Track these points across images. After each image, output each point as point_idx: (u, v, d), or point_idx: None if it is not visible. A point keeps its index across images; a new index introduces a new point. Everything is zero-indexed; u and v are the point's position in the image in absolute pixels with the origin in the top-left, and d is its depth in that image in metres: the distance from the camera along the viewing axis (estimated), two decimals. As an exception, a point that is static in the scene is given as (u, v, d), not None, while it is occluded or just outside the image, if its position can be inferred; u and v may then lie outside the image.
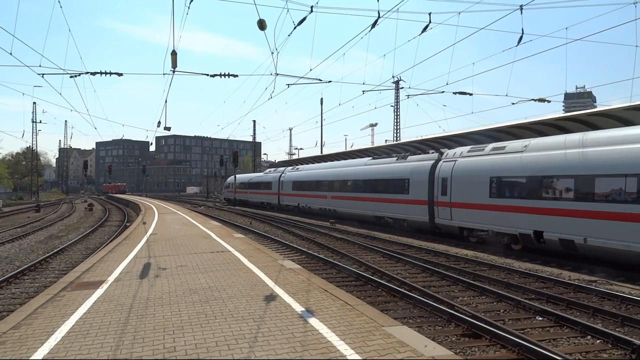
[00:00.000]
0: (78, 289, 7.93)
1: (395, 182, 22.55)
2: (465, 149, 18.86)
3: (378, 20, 12.17)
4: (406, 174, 21.89)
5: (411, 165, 21.87)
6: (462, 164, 18.20)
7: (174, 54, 13.21)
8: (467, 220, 17.61)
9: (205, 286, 8.03)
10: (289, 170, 38.78)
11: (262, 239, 19.69)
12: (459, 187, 18.04)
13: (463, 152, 18.73)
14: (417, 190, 20.86)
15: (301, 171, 36.40)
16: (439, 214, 19.34)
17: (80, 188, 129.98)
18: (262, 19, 10.03)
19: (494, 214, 16.16)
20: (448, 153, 19.96)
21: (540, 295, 9.55)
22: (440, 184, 19.15)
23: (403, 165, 22.53)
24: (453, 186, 18.32)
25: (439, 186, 19.28)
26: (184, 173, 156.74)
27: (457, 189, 18.13)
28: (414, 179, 21.23)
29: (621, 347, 6.57)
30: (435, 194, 19.50)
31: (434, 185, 19.68)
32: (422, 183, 20.51)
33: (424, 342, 5.16)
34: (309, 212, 33.01)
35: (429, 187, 19.97)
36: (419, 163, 21.35)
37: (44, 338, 5.36)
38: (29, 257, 16.01)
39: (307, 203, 33.41)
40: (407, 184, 21.62)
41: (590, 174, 12.74)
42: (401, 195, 21.96)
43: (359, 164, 27.83)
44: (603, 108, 15.66)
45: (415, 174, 21.18)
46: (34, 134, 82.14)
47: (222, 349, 4.94)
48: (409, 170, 21.78)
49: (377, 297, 9.67)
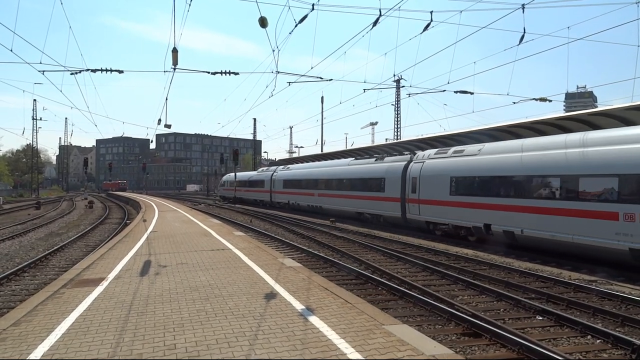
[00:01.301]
0: (78, 286, 7.94)
1: (373, 181, 24.72)
2: (432, 151, 20.85)
3: (379, 19, 12.16)
4: (382, 173, 24.00)
5: (386, 166, 24.01)
6: (429, 165, 20.22)
7: (174, 52, 13.20)
8: (433, 215, 19.57)
9: (206, 284, 8.03)
10: (281, 170, 40.96)
11: (262, 237, 19.69)
12: (426, 185, 20.01)
13: (430, 154, 20.70)
14: (391, 188, 22.83)
15: (291, 170, 38.59)
16: (409, 210, 21.33)
17: (80, 185, 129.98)
18: (263, 16, 10.01)
19: (453, 210, 18.18)
20: (418, 155, 21.86)
21: (540, 294, 9.55)
22: (411, 183, 21.10)
23: (380, 166, 24.72)
24: (421, 185, 20.30)
25: (409, 185, 21.26)
26: (184, 171, 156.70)
27: (424, 188, 20.11)
28: (388, 178, 23.22)
29: (621, 347, 6.57)
30: (407, 192, 21.48)
31: (406, 184, 21.63)
32: (395, 182, 22.47)
33: (424, 341, 5.16)
34: (298, 209, 34.89)
35: (402, 186, 21.94)
36: (394, 164, 23.38)
37: (44, 335, 5.35)
38: (29, 254, 16.02)
39: (296, 200, 35.50)
40: (383, 183, 23.64)
41: (523, 174, 15.05)
42: (378, 193, 24.04)
43: (342, 164, 30.06)
44: (604, 108, 15.64)
45: (390, 174, 23.17)
46: (35, 131, 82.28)
47: (222, 347, 4.93)
48: (385, 170, 23.89)
49: (377, 295, 9.68)
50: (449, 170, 18.60)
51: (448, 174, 18.58)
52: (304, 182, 34.48)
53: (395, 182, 22.45)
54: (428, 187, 19.80)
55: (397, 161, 23.38)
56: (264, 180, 43.10)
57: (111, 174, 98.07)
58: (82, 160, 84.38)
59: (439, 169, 19.32)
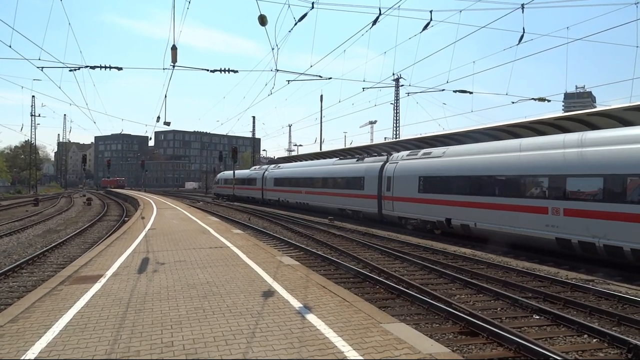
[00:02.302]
0: (76, 283, 7.93)
1: (354, 180, 26.72)
2: (405, 153, 22.86)
3: (379, 17, 12.15)
4: (362, 173, 25.94)
5: (365, 166, 25.96)
6: (401, 165, 22.18)
7: (174, 49, 13.16)
8: (404, 211, 21.55)
9: (204, 281, 8.03)
10: (272, 169, 43.00)
11: (260, 235, 19.69)
12: (398, 184, 21.92)
13: (403, 155, 22.72)
14: (369, 186, 24.77)
15: (281, 169, 40.59)
16: (384, 206, 23.33)
17: (78, 182, 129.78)
18: (263, 14, 9.99)
19: (421, 206, 20.19)
20: (393, 156, 23.75)
21: (537, 293, 9.58)
22: (386, 181, 23.04)
23: (360, 166, 26.70)
24: (395, 183, 22.23)
25: (385, 183, 23.21)
26: (183, 168, 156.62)
27: (397, 186, 22.04)
28: (367, 177, 25.17)
29: (617, 346, 6.59)
30: (383, 190, 23.45)
31: (382, 182, 23.55)
32: (373, 181, 24.38)
33: (421, 340, 5.17)
34: (287, 206, 36.81)
35: (378, 184, 23.83)
36: (372, 164, 25.31)
37: (41, 332, 5.36)
38: (27, 250, 16.01)
39: (285, 197, 37.51)
40: (363, 182, 25.59)
41: (475, 175, 17.12)
42: (358, 191, 26.06)
43: (327, 164, 32.20)
44: (602, 108, 15.70)
45: (369, 173, 25.12)
46: (33, 128, 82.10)
47: (219, 344, 4.94)
48: (364, 170, 25.83)
49: (375, 294, 9.69)
50: (418, 170, 20.68)
51: (417, 174, 20.62)
52: (292, 180, 36.42)
53: (373, 180, 24.35)
54: (400, 185, 21.73)
55: (374, 162, 25.24)
56: (256, 178, 44.92)
57: (110, 171, 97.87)
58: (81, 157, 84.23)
59: (410, 169, 21.37)
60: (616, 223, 11.97)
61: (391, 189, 22.47)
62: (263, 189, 42.95)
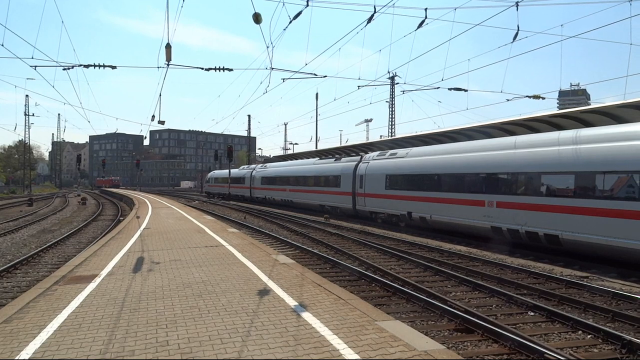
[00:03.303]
0: (71, 283, 7.90)
1: (332, 178, 29.03)
2: (375, 153, 25.04)
3: (374, 15, 12.14)
4: (339, 172, 28.20)
5: (342, 165, 28.24)
6: (372, 165, 24.41)
7: (168, 47, 13.09)
8: (374, 206, 23.84)
9: (199, 280, 8.01)
10: (259, 168, 45.80)
11: (256, 233, 19.67)
12: (369, 182, 24.16)
13: (373, 156, 24.94)
14: (345, 184, 27.09)
15: (268, 169, 43.19)
16: (358, 202, 25.66)
17: (73, 182, 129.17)
18: (257, 12, 9.94)
19: (388, 201, 22.47)
20: (365, 156, 25.98)
21: (532, 290, 9.62)
22: (359, 179, 25.32)
23: (337, 165, 29.01)
24: (366, 181, 24.50)
25: (358, 181, 25.48)
26: (178, 167, 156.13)
27: (368, 184, 24.27)
28: (343, 175, 27.46)
29: (611, 342, 6.63)
30: (356, 187, 25.75)
31: (355, 180, 25.82)
32: (348, 179, 26.70)
33: (416, 337, 5.18)
34: (273, 203, 39.28)
35: (353, 182, 26.15)
36: (347, 164, 27.62)
37: (35, 332, 5.33)
38: (21, 251, 15.92)
39: (271, 195, 39.92)
40: (339, 180, 27.88)
41: (429, 173, 19.58)
42: (335, 189, 28.34)
43: (309, 163, 34.72)
44: (597, 105, 15.79)
45: (344, 172, 27.37)
46: (27, 127, 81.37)
47: (215, 343, 4.93)
48: (340, 169, 28.11)
49: (370, 292, 9.70)
50: (385, 169, 23.01)
51: (384, 172, 22.96)
52: (277, 179, 38.99)
53: (348, 179, 26.74)
54: (371, 183, 24.01)
55: (349, 162, 27.62)
56: (245, 177, 47.49)
57: (104, 170, 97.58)
58: (75, 156, 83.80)
59: (378, 169, 23.62)
60: (532, 213, 14.45)
61: (363, 186, 24.81)
62: (251, 187, 45.29)
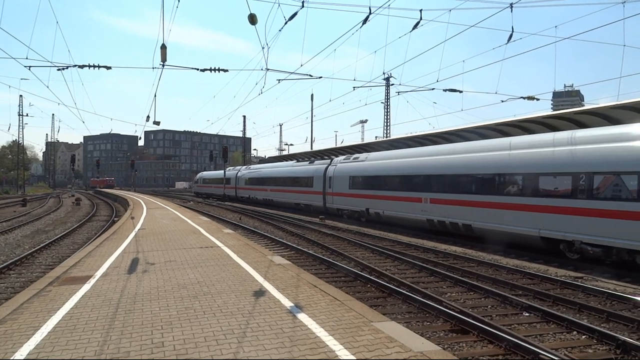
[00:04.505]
0: (65, 283, 7.85)
1: (306, 179, 32.05)
2: (342, 157, 28.66)
3: (369, 17, 12.17)
4: (312, 173, 31.26)
5: (314, 168, 31.43)
6: (338, 168, 27.68)
7: (163, 48, 13.06)
8: (340, 204, 27.10)
9: (194, 281, 7.99)
10: (243, 170, 49.28)
11: (251, 234, 19.64)
12: (336, 182, 27.43)
13: (340, 160, 28.42)
14: (317, 184, 30.14)
15: (251, 170, 46.77)
16: (327, 200, 28.81)
17: (67, 182, 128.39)
18: (252, 13, 9.94)
19: (351, 199, 25.69)
20: (334, 160, 29.42)
21: (527, 291, 9.66)
22: (328, 180, 28.53)
23: (310, 168, 32.24)
24: (334, 182, 27.77)
25: (327, 182, 28.67)
26: (173, 168, 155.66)
27: (335, 184, 27.56)
28: (315, 177, 30.48)
29: (606, 343, 6.67)
30: (326, 187, 28.86)
31: (325, 181, 28.95)
32: (319, 180, 29.78)
33: (412, 338, 5.19)
34: (256, 202, 42.28)
35: (323, 183, 29.26)
36: (319, 166, 30.86)
37: (30, 333, 5.29)
38: (15, 251, 15.82)
39: (254, 195, 43.30)
40: (312, 181, 30.90)
41: (380, 175, 22.89)
42: (309, 188, 31.36)
43: (288, 165, 38.00)
44: (591, 106, 15.88)
45: (316, 174, 30.40)
46: (21, 127, 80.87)
47: (210, 344, 4.92)
48: (313, 171, 31.23)
49: (366, 292, 9.71)
50: (348, 172, 26.23)
51: (348, 174, 26.19)
52: (260, 180, 42.37)
53: (320, 180, 29.76)
54: (337, 183, 27.26)
55: (321, 164, 30.79)
56: (230, 178, 50.59)
57: (99, 170, 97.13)
58: (69, 157, 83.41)
59: (343, 171, 26.87)
60: (454, 207, 17.44)
61: (332, 186, 28.04)
62: (236, 187, 48.78)
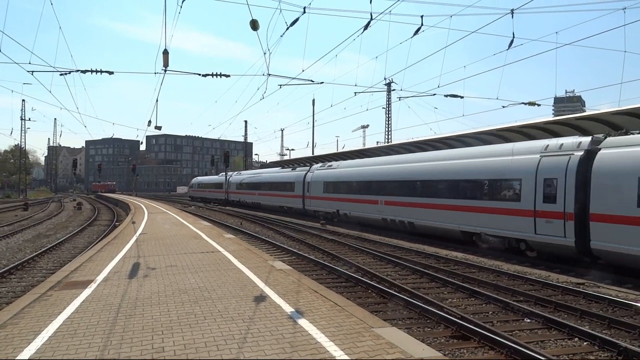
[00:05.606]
0: (66, 288, 7.86)
1: (288, 184, 35.48)
2: (318, 165, 32.28)
3: (370, 22, 12.22)
4: (293, 179, 34.67)
5: (295, 174, 34.80)
6: (315, 174, 31.15)
7: (165, 53, 13.11)
8: (317, 206, 30.44)
9: (195, 286, 7.99)
10: (234, 175, 53.01)
11: (252, 239, 19.63)
12: (313, 187, 30.90)
13: (317, 167, 31.96)
14: (298, 189, 33.53)
15: (242, 176, 50.24)
16: (306, 203, 32.17)
17: (69, 187, 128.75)
18: (254, 19, 9.99)
19: (325, 202, 29.05)
20: (312, 167, 32.78)
21: (528, 297, 9.63)
22: (307, 185, 31.99)
23: (292, 174, 35.67)
24: (311, 187, 31.22)
25: (306, 187, 32.11)
26: (175, 173, 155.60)
27: (312, 188, 31.01)
28: (296, 182, 33.89)
29: (607, 349, 6.64)
30: (305, 191, 32.32)
31: (304, 186, 32.35)
32: (300, 185, 33.21)
33: (413, 344, 5.18)
34: (246, 205, 45.23)
35: (303, 187, 32.69)
36: (300, 172, 34.16)
37: (30, 338, 5.30)
38: (16, 255, 15.83)
39: (244, 198, 46.62)
40: (294, 186, 34.32)
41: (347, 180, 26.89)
42: (291, 192, 34.78)
43: (274, 171, 41.59)
44: (592, 112, 15.89)
45: (297, 179, 33.79)
46: (23, 132, 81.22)
47: (211, 350, 4.92)
48: (294, 177, 34.63)
49: (367, 298, 9.69)
50: (323, 178, 29.77)
51: (322, 180, 29.72)
52: (249, 184, 45.73)
53: (300, 185, 33.14)
54: (314, 188, 30.66)
55: (301, 171, 34.04)
56: (222, 182, 54.02)
57: (100, 175, 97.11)
58: (71, 161, 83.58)
59: (319, 177, 30.37)
60: (401, 207, 20.91)
61: (310, 190, 31.33)
62: (227, 191, 52.10)
